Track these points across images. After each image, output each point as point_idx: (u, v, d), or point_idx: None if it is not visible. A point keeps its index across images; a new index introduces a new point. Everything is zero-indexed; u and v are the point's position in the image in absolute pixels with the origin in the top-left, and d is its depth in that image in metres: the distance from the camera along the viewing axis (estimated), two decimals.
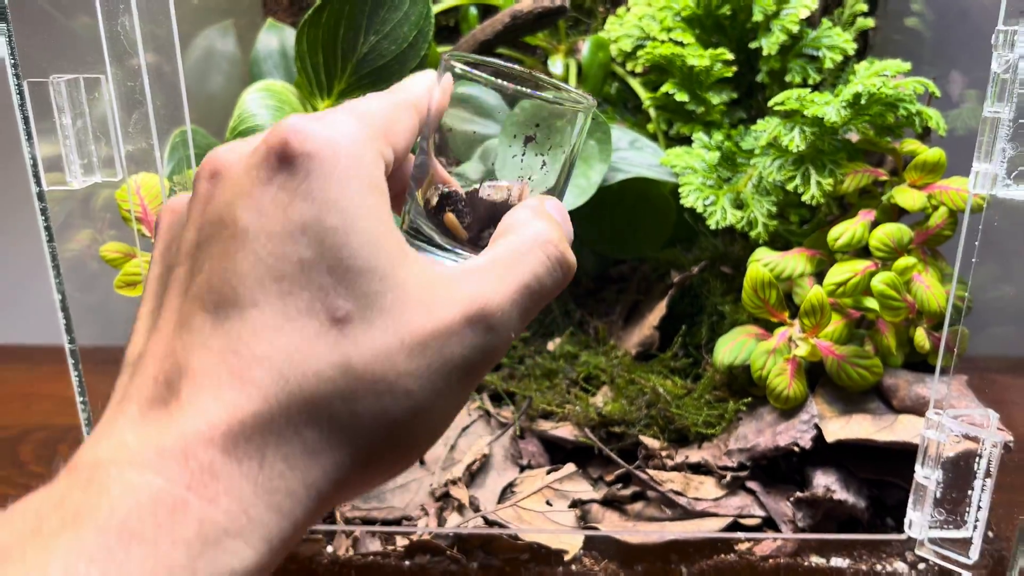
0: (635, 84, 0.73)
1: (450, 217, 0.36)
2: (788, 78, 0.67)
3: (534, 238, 0.33)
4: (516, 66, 0.38)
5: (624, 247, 0.72)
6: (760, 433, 0.61)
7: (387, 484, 0.62)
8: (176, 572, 0.23)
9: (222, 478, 0.25)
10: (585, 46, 0.72)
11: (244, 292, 0.27)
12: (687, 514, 0.59)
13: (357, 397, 0.27)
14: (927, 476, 0.53)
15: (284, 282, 0.27)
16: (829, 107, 0.59)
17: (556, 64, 0.73)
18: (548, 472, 0.62)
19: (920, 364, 0.63)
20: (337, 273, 0.28)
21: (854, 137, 0.65)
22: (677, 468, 0.61)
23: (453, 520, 0.59)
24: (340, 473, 0.28)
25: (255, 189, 0.28)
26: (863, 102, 0.60)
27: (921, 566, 0.56)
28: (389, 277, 0.28)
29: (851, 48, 0.66)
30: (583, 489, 0.61)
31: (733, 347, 0.63)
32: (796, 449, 0.58)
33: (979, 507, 0.52)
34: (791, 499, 0.58)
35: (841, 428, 0.58)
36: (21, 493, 0.25)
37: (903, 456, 0.56)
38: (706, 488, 0.60)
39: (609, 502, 0.60)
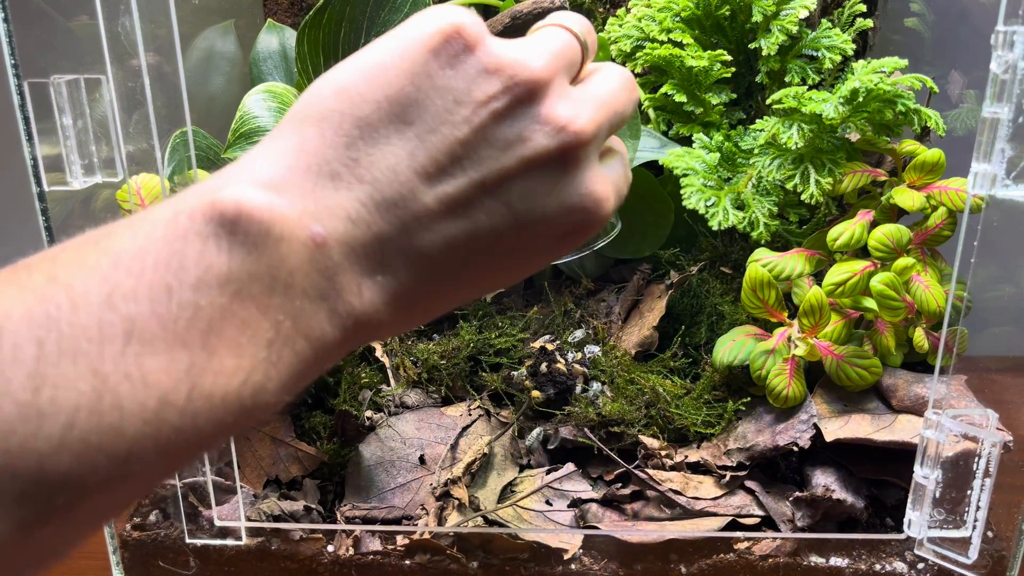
0: None
1: None
2: (787, 79, 0.68)
3: None
4: None
5: (624, 247, 0.72)
6: (759, 433, 0.61)
7: (387, 484, 0.62)
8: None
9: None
10: None
11: None
12: (686, 513, 0.59)
13: None
14: (926, 476, 0.53)
15: None
16: (827, 103, 0.59)
17: None
18: (548, 471, 0.63)
19: (919, 364, 0.63)
20: None
21: (853, 137, 0.65)
22: (676, 468, 0.62)
23: (453, 519, 0.59)
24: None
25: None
26: (861, 98, 0.60)
27: (920, 566, 0.56)
28: None
29: (850, 48, 0.66)
30: (582, 488, 0.61)
31: (732, 347, 0.63)
32: (795, 449, 0.58)
33: (978, 507, 0.52)
34: (790, 499, 0.58)
35: (840, 428, 0.58)
36: None
37: (902, 456, 0.56)
38: (705, 487, 0.60)
39: (608, 501, 0.61)
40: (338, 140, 0.29)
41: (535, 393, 0.64)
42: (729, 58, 0.67)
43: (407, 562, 0.58)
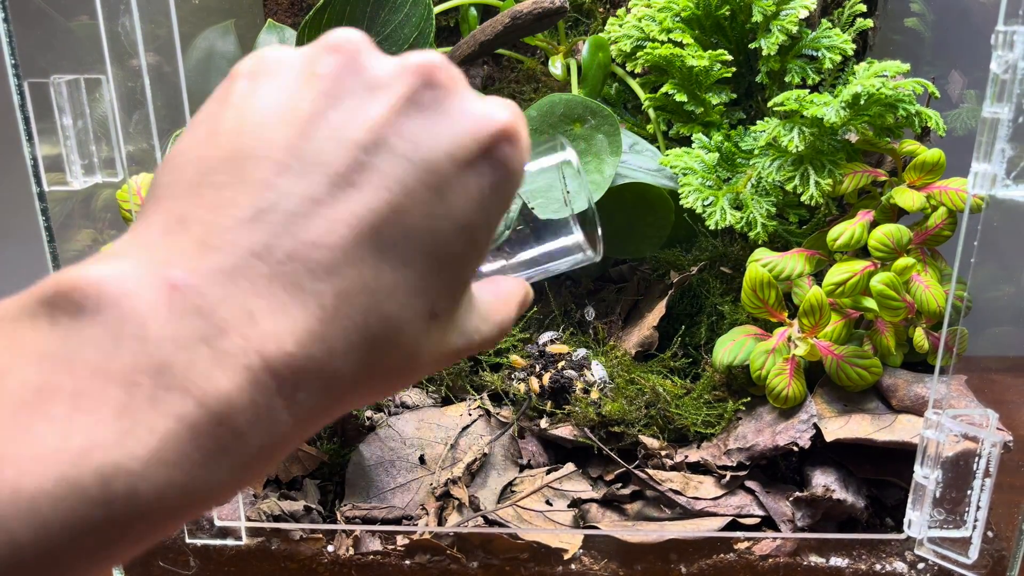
0: (635, 85, 0.73)
1: None
2: (787, 79, 0.68)
3: None
4: None
5: (624, 247, 0.72)
6: (759, 433, 0.61)
7: (387, 484, 0.62)
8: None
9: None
10: (585, 47, 0.72)
11: None
12: (686, 513, 0.59)
13: None
14: (926, 476, 0.53)
15: None
16: (828, 108, 0.59)
17: (556, 65, 0.73)
18: (548, 471, 0.63)
19: (919, 364, 0.63)
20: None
21: (853, 138, 0.65)
22: (676, 468, 0.62)
23: (453, 519, 0.59)
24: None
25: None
26: (862, 103, 0.60)
27: (920, 566, 0.56)
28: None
29: (850, 48, 0.66)
30: (582, 488, 0.61)
31: (732, 347, 0.63)
32: (795, 449, 0.58)
33: (978, 507, 0.52)
34: (790, 498, 0.58)
35: (840, 428, 0.58)
36: None
37: (902, 456, 0.56)
38: (705, 487, 0.60)
39: (608, 501, 0.61)
40: (179, 191, 0.26)
41: (534, 388, 0.64)
42: (729, 58, 0.67)
43: (407, 562, 0.58)
